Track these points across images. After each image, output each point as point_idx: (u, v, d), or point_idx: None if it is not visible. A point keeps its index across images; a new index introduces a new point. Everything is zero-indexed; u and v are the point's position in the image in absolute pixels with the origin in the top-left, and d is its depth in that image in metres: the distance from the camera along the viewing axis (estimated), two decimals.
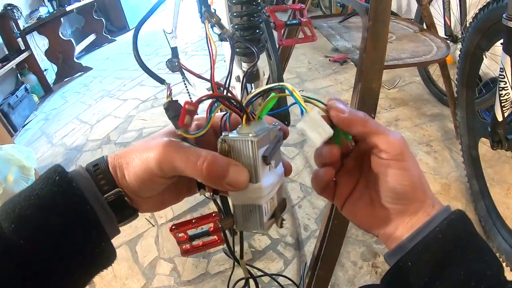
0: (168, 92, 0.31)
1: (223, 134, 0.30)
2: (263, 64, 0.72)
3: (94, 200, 0.30)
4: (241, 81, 0.74)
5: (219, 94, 0.30)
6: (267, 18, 0.75)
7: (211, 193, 0.35)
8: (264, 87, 0.31)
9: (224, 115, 0.34)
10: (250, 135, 0.29)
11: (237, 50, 0.69)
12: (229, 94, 0.31)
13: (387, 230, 0.34)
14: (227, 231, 0.38)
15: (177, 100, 0.31)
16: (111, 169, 0.32)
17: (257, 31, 0.67)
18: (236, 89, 0.89)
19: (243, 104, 0.31)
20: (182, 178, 0.31)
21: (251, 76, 0.72)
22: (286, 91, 0.31)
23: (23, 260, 0.27)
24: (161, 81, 0.33)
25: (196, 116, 0.31)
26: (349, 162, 0.37)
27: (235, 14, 0.66)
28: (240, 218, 0.33)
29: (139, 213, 0.35)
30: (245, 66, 0.72)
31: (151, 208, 0.36)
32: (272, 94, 0.31)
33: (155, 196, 0.34)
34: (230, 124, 0.33)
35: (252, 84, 0.70)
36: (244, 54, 0.68)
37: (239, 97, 0.32)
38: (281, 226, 0.34)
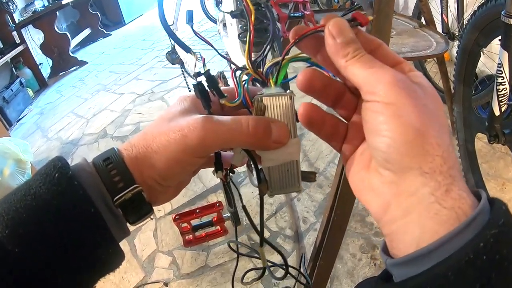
0: (202, 62, 0.32)
1: (257, 93, 0.31)
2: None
3: (99, 201, 0.27)
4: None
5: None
6: (271, 10, 0.76)
7: (226, 175, 0.35)
8: (277, 59, 0.31)
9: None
10: (288, 91, 0.30)
11: (244, 39, 0.69)
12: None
13: (377, 203, 0.25)
14: (226, 225, 0.38)
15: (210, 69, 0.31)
16: (128, 161, 0.28)
17: (264, 21, 0.69)
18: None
19: (264, 70, 0.32)
20: None
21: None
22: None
23: (19, 270, 0.24)
24: (188, 49, 0.33)
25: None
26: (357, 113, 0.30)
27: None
28: (277, 180, 0.33)
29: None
30: (252, 55, 0.73)
31: (169, 198, 0.33)
32: (285, 61, 0.31)
33: (178, 182, 0.32)
34: (250, 93, 0.33)
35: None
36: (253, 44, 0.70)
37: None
38: (315, 180, 0.35)
